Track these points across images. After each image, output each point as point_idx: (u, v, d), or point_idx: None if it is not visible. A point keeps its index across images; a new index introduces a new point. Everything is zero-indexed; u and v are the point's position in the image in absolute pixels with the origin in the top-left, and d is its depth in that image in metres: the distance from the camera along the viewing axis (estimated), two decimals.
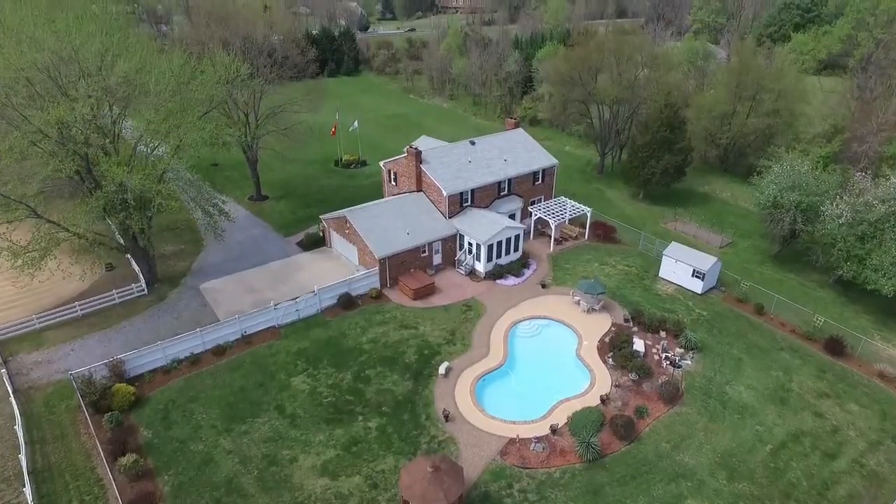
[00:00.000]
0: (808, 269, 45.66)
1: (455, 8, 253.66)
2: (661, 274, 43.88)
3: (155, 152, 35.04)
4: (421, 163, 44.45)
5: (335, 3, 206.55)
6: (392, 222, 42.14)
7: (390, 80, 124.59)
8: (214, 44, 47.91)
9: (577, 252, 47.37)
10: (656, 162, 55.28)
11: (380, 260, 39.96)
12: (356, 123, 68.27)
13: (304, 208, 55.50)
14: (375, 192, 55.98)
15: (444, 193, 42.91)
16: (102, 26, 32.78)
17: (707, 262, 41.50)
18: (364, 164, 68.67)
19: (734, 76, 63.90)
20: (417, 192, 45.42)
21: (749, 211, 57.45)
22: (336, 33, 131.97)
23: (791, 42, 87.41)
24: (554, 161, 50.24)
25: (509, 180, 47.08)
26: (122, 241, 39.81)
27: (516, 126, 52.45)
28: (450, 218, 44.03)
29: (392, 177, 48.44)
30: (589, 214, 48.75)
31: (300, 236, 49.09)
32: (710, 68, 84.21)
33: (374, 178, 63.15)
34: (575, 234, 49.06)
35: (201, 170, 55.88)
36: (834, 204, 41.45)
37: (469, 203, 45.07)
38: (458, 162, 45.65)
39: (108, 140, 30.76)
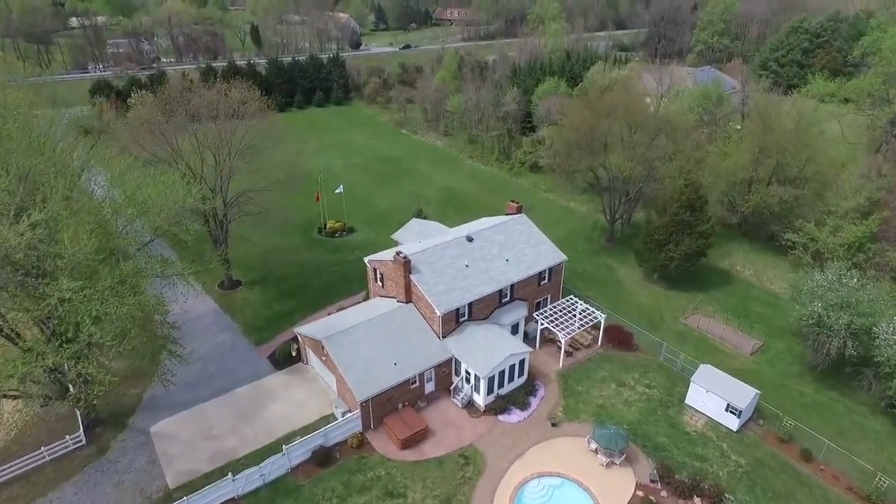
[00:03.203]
0: (855, 385, 39.76)
1: (450, 20, 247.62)
2: (689, 401, 37.98)
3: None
4: (410, 272, 38.39)
5: (326, 16, 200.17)
6: (377, 350, 36.05)
7: (381, 111, 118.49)
8: (170, 133, 41.40)
9: (590, 367, 41.42)
10: (675, 246, 49.42)
11: (361, 403, 33.90)
12: (341, 187, 62.11)
13: (281, 299, 49.36)
14: (361, 275, 49.91)
15: (438, 313, 36.85)
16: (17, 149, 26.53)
17: (744, 396, 35.61)
18: (350, 230, 62.52)
19: (755, 139, 58.10)
20: (406, 303, 39.35)
21: (777, 296, 51.74)
22: (325, 59, 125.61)
23: (809, 86, 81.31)
24: (562, 257, 44.20)
25: (512, 286, 41.07)
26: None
27: (518, 211, 46.40)
28: (444, 338, 38.00)
29: (378, 276, 42.36)
30: (602, 320, 42.79)
31: (273, 346, 42.95)
32: (723, 112, 78.69)
33: (361, 254, 56.92)
34: (587, 343, 43.14)
35: (171, 240, 50.03)
36: (891, 326, 35.69)
37: (466, 317, 39.04)
38: (452, 268, 39.59)
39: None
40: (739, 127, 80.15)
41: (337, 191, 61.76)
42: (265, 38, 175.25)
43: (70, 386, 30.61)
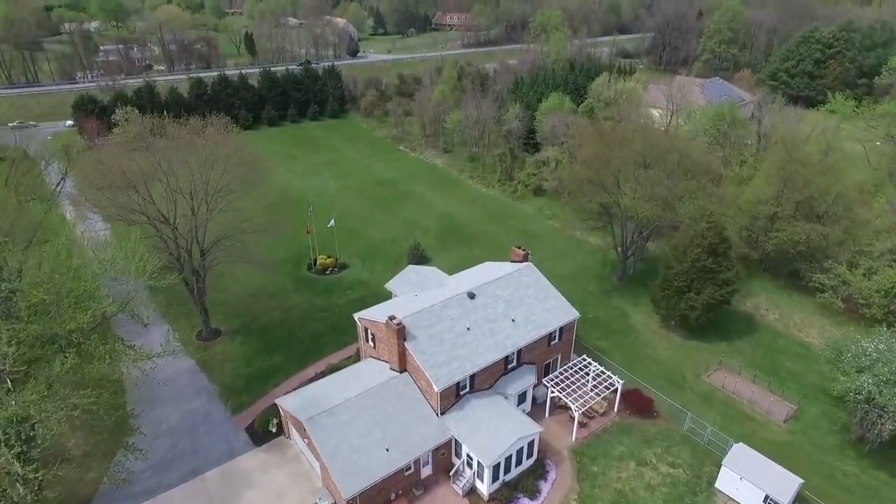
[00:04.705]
0: None
1: (449, 25, 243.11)
2: (719, 485, 33.58)
3: None
4: (405, 339, 34.01)
5: (324, 20, 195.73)
6: (366, 432, 31.66)
7: (378, 125, 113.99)
8: (137, 178, 36.90)
9: (606, 440, 36.97)
10: (696, 294, 45.07)
11: (347, 501, 29.50)
12: (333, 221, 57.64)
13: (264, 354, 44.95)
14: (352, 324, 45.39)
15: (436, 389, 32.47)
16: None
17: (785, 487, 31.26)
18: (343, 267, 58.07)
19: (779, 171, 53.67)
20: (401, 372, 35.00)
21: (807, 347, 47.44)
22: (320, 70, 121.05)
23: (829, 104, 77.04)
24: (574, 314, 39.77)
25: (519, 351, 36.69)
26: None
27: (525, 259, 42.00)
28: (443, 414, 33.62)
29: (369, 336, 37.99)
30: (619, 386, 38.39)
31: (252, 413, 38.55)
32: (737, 135, 74.39)
33: (353, 295, 52.74)
34: (602, 410, 38.73)
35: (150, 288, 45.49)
36: None
37: (468, 389, 34.67)
38: (452, 332, 35.19)
39: None
40: (751, 142, 76.02)
41: (329, 225, 57.28)
42: (260, 46, 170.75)
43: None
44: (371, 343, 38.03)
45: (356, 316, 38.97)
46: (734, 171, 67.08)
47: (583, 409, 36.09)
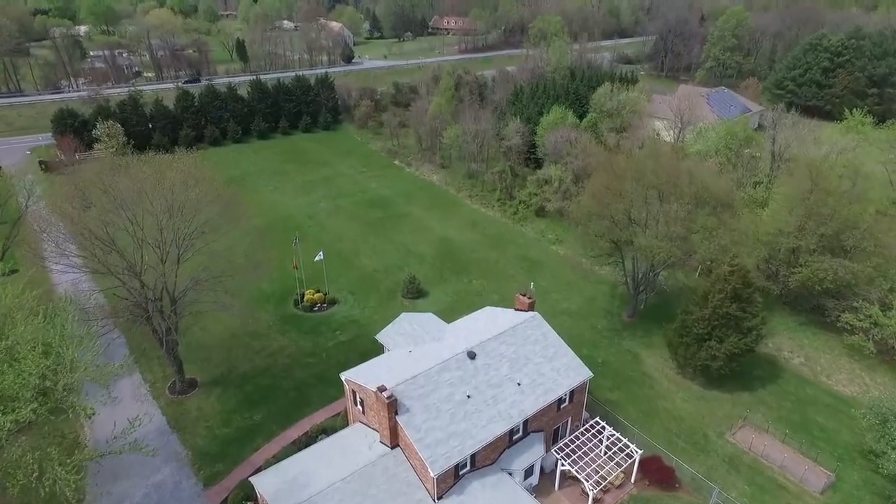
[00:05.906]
0: None
1: (447, 29, 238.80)
2: None
3: None
4: (398, 412, 29.94)
5: (319, 24, 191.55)
6: None
7: (373, 137, 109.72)
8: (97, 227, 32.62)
9: None
10: (718, 343, 41.10)
11: None
12: (321, 254, 53.41)
13: (243, 410, 40.77)
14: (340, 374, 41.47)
15: (432, 474, 28.39)
16: None
17: None
18: (333, 302, 53.92)
19: (803, 202, 49.71)
20: (392, 447, 30.91)
21: (837, 397, 43.56)
22: (312, 80, 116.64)
23: (846, 121, 73.24)
24: (586, 375, 35.65)
25: (525, 420, 32.63)
26: None
27: (531, 307, 37.94)
28: (439, 500, 29.54)
29: (358, 400, 33.89)
30: (638, 456, 34.38)
31: (227, 486, 34.41)
32: (750, 155, 70.57)
33: (343, 338, 48.72)
34: (618, 482, 34.68)
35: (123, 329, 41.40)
36: None
37: (468, 468, 30.61)
38: (451, 401, 31.12)
39: None
40: (760, 155, 72.18)
41: (316, 258, 53.04)
42: (252, 52, 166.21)
43: None
44: (360, 407, 33.91)
45: (343, 377, 34.78)
46: (748, 193, 63.41)
47: (598, 488, 32.06)
